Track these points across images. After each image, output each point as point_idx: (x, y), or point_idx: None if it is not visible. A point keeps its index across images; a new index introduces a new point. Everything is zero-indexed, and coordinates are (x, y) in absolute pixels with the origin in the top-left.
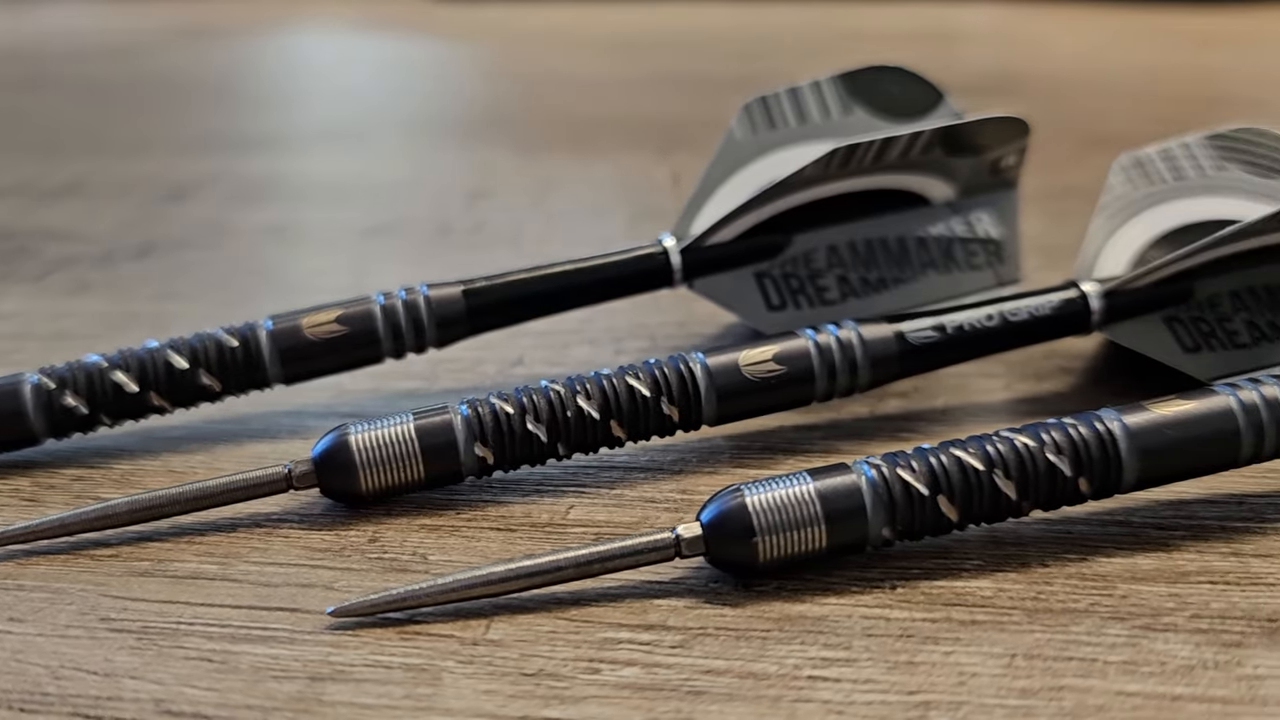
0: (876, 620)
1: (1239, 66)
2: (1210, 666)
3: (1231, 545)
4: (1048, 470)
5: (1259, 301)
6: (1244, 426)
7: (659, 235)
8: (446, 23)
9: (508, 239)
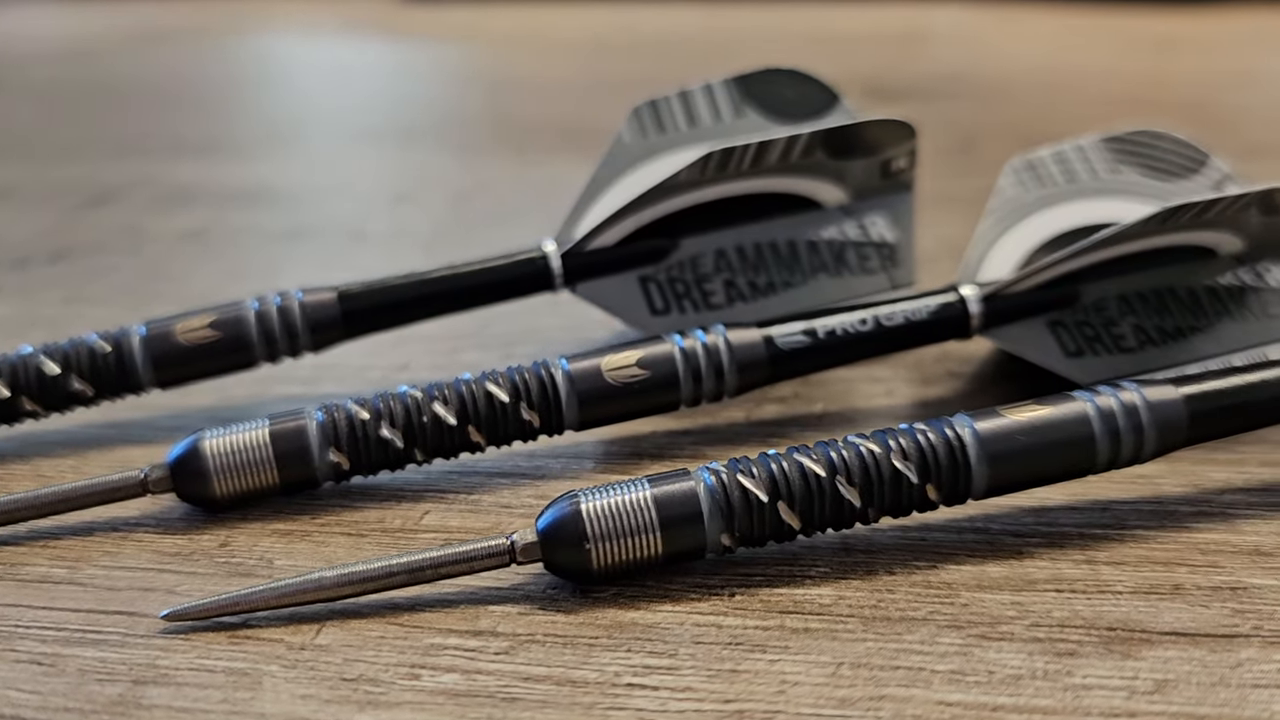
0: (708, 628)
1: (1193, 69)
2: (1039, 676)
3: (1086, 553)
4: (893, 477)
5: (1146, 306)
6: (1099, 432)
7: (540, 239)
8: (413, 24)
9: (424, 243)
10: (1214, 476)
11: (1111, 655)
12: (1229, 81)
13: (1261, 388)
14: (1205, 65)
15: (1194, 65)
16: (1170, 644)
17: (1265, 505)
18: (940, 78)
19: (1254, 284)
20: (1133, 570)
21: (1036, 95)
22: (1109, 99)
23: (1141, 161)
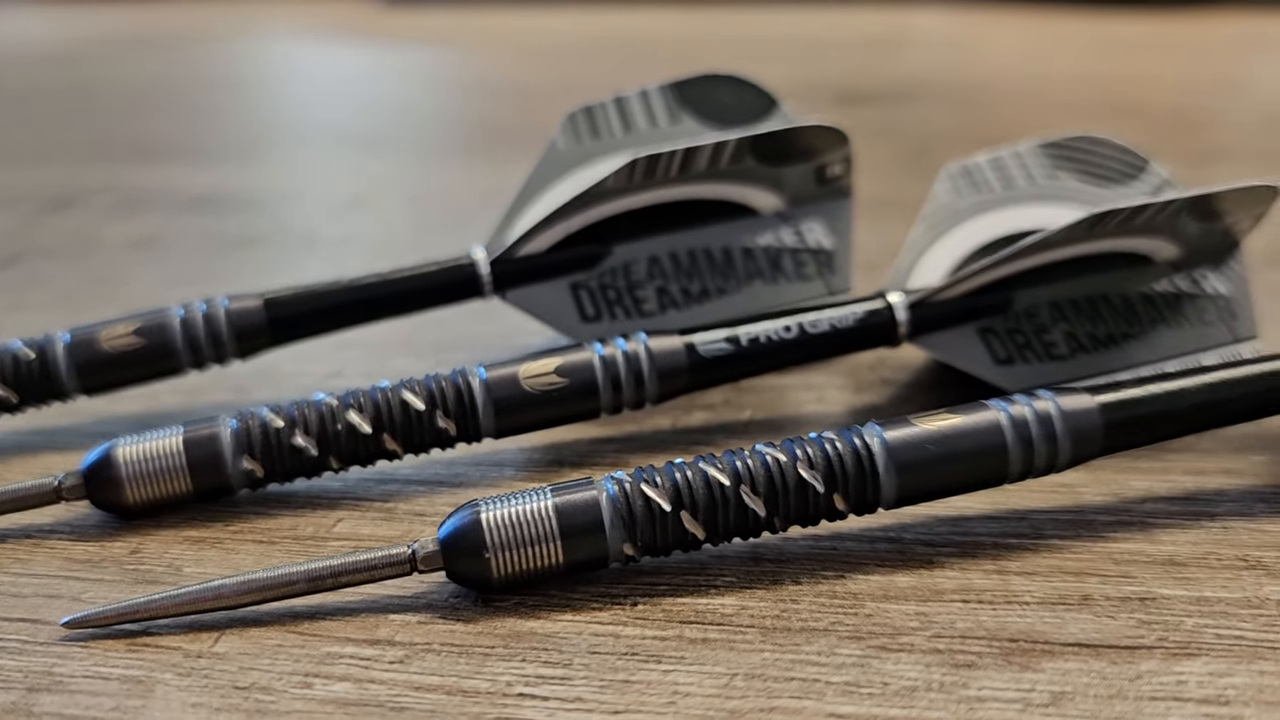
0: (606, 638)
1: (1169, 74)
2: (934, 688)
3: (998, 563)
4: (799, 486)
5: (1080, 313)
6: (1012, 442)
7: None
8: (394, 29)
9: (372, 250)
10: (1136, 485)
11: (1010, 667)
12: (1203, 86)
13: (1180, 396)
14: (1181, 70)
15: (1170, 70)
16: (1072, 655)
17: (1185, 515)
18: (911, 82)
19: (1190, 291)
20: (1043, 580)
21: (1006, 100)
22: (1078, 104)
23: (1080, 167)
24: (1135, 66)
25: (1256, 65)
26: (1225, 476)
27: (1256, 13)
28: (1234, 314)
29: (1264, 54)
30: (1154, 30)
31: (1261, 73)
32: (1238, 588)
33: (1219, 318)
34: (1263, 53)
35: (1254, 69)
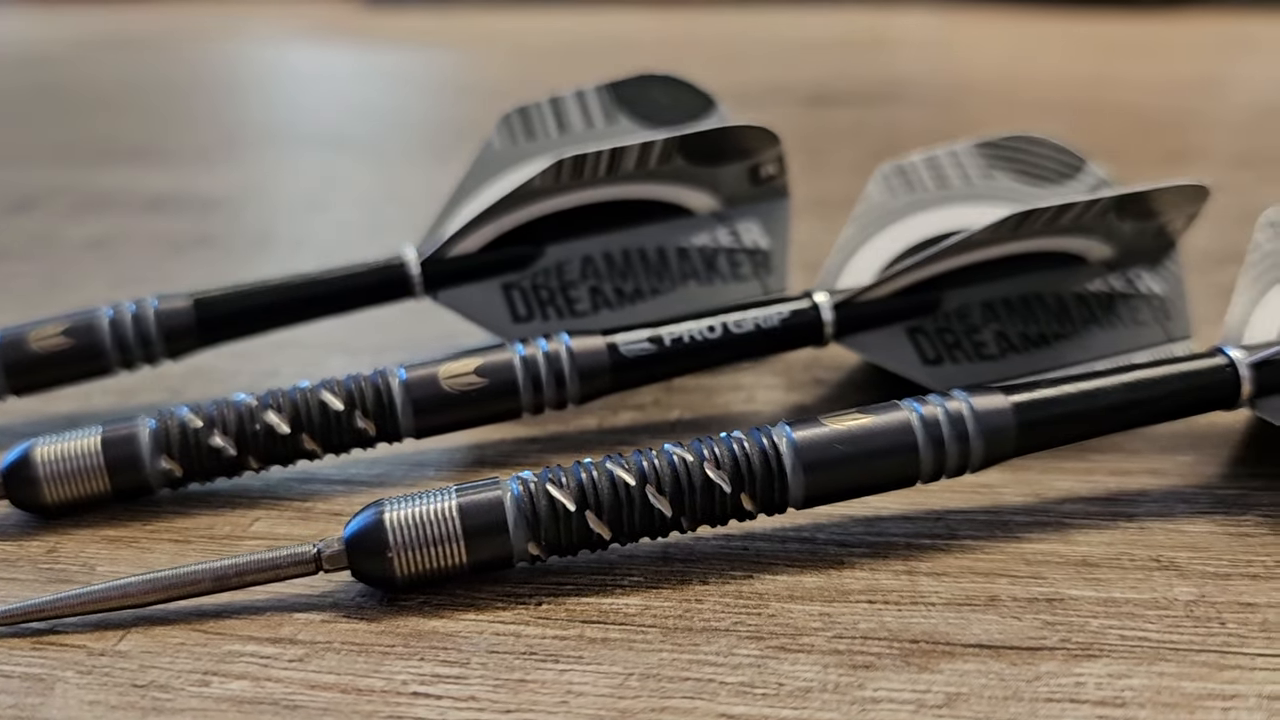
0: (506, 637)
1: (1149, 74)
2: (829, 689)
3: (909, 563)
4: (705, 486)
5: (1012, 312)
6: (923, 442)
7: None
8: (376, 29)
9: (328, 251)
10: (1058, 486)
11: (909, 668)
12: (1182, 86)
13: (1096, 396)
14: (1162, 70)
15: (1151, 70)
16: (972, 656)
17: (1104, 515)
18: (887, 82)
19: (1124, 290)
20: (952, 581)
21: (981, 101)
22: (1053, 103)
23: (1016, 167)
24: (1116, 67)
25: (1237, 65)
26: (1149, 477)
27: (1239, 13)
28: (1168, 314)
29: (1245, 54)
30: (1137, 30)
31: (1242, 73)
32: (1147, 589)
33: (1153, 318)
34: (1244, 53)
35: (1235, 69)
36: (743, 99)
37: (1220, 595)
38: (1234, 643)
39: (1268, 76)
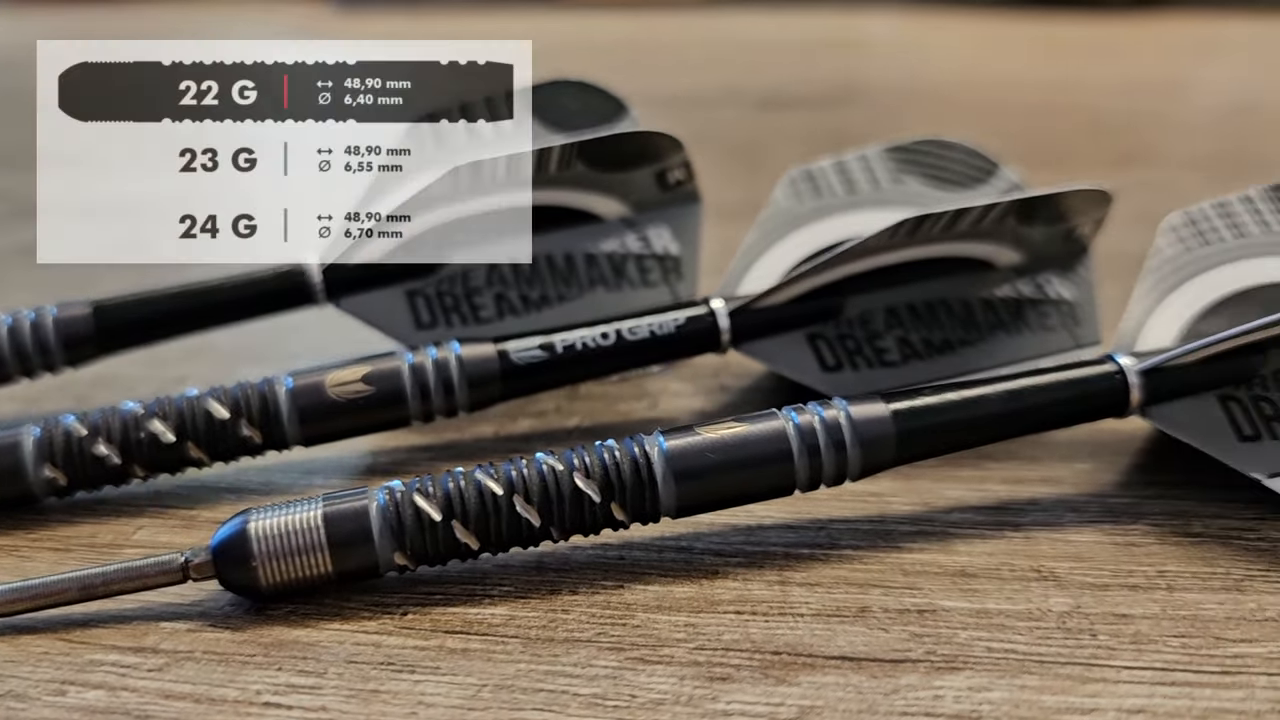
0: (367, 647)
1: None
2: (682, 701)
3: (784, 573)
4: (574, 495)
5: (917, 319)
6: (798, 450)
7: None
8: (346, 34)
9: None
10: (948, 495)
11: (766, 680)
12: (1142, 88)
13: (978, 404)
14: (1124, 72)
15: (1113, 72)
16: (833, 669)
17: (990, 525)
18: (845, 86)
19: (1033, 296)
20: (825, 592)
21: (936, 103)
22: (1008, 106)
23: (926, 171)
24: (1079, 69)
25: (1202, 67)
26: (1043, 485)
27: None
28: (1077, 319)
29: (1210, 56)
30: (1104, 32)
31: (1205, 75)
32: (1023, 600)
33: (1062, 323)
34: (1209, 55)
35: (1199, 71)
36: (695, 102)
37: (1096, 606)
38: (1102, 655)
39: (1232, 78)
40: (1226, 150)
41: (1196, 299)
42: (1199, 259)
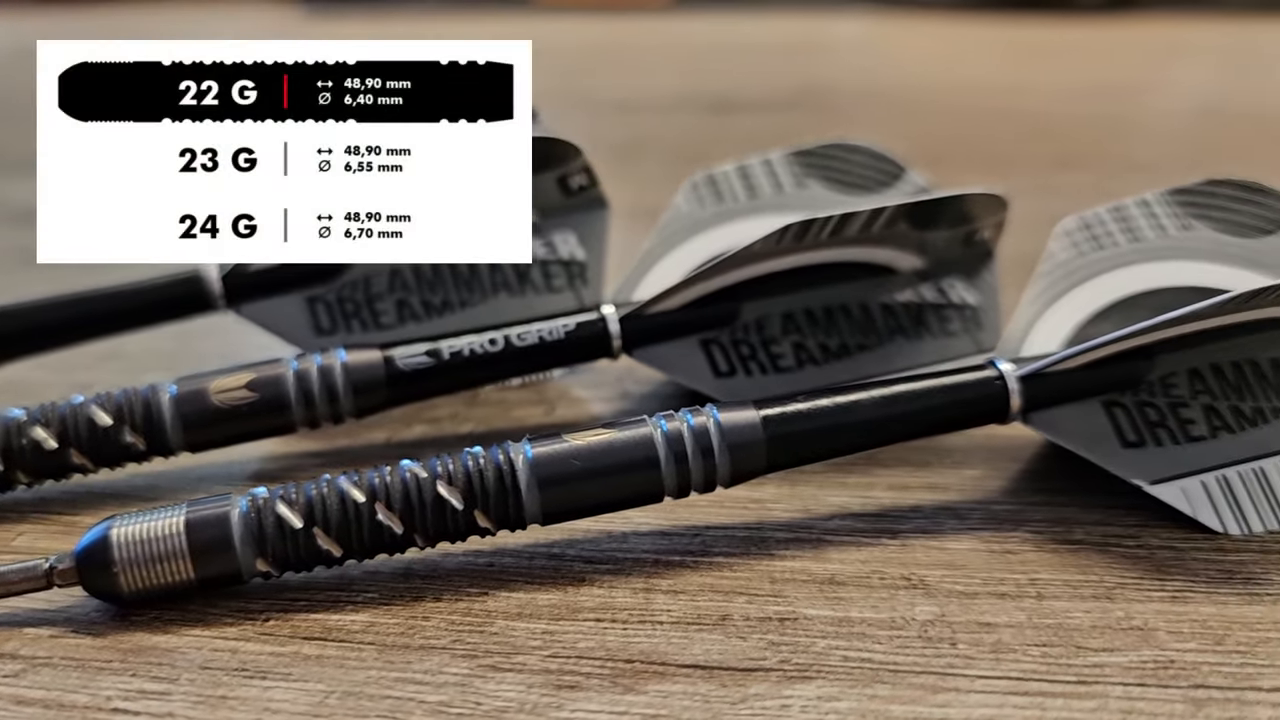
0: (223, 653)
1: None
2: (525, 709)
3: (650, 581)
4: (436, 503)
5: (814, 324)
6: (665, 457)
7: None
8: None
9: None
10: (832, 501)
11: (615, 688)
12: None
13: (851, 410)
14: (1084, 75)
15: (1073, 75)
16: (683, 678)
17: (868, 532)
18: (801, 90)
19: (935, 300)
20: (688, 599)
21: (887, 107)
22: (958, 109)
23: (830, 175)
24: (1040, 72)
25: (1165, 71)
26: (928, 492)
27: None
28: (980, 324)
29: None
30: (1072, 36)
31: (1167, 78)
32: (888, 608)
33: (964, 328)
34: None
35: (1161, 75)
36: (647, 106)
37: (961, 615)
38: (959, 664)
39: (1195, 82)
40: (1175, 154)
41: (1086, 304)
42: (1091, 263)
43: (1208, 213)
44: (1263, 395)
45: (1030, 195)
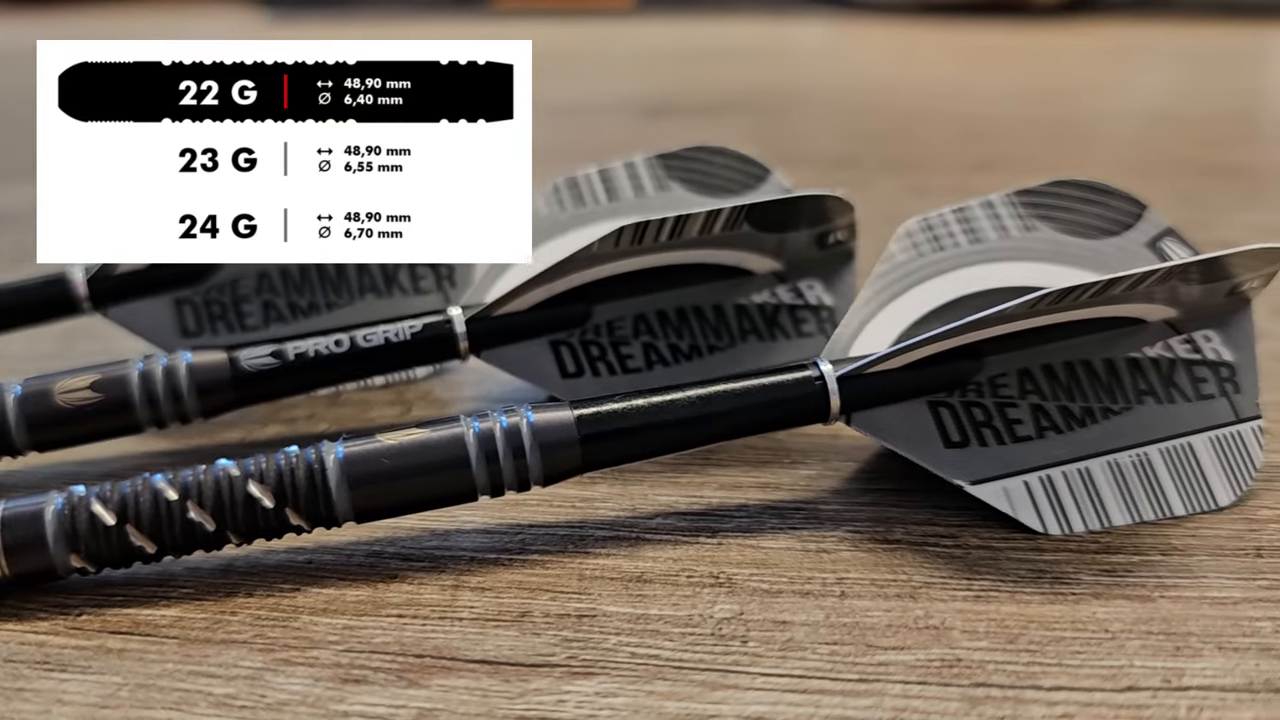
0: (30, 646)
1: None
2: (308, 702)
3: (461, 578)
4: (247, 501)
5: (667, 325)
6: (476, 457)
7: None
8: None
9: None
10: (659, 500)
11: (399, 683)
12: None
13: (667, 410)
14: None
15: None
16: (469, 673)
17: (687, 531)
18: (740, 93)
19: (791, 302)
20: (494, 596)
21: (820, 110)
22: (893, 112)
23: (692, 177)
24: (988, 75)
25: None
26: (759, 491)
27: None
28: (837, 325)
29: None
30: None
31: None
32: (688, 605)
33: (819, 328)
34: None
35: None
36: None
37: (760, 613)
38: (744, 661)
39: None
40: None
41: (919, 305)
42: (929, 264)
43: (1052, 213)
44: (1094, 396)
45: (944, 196)
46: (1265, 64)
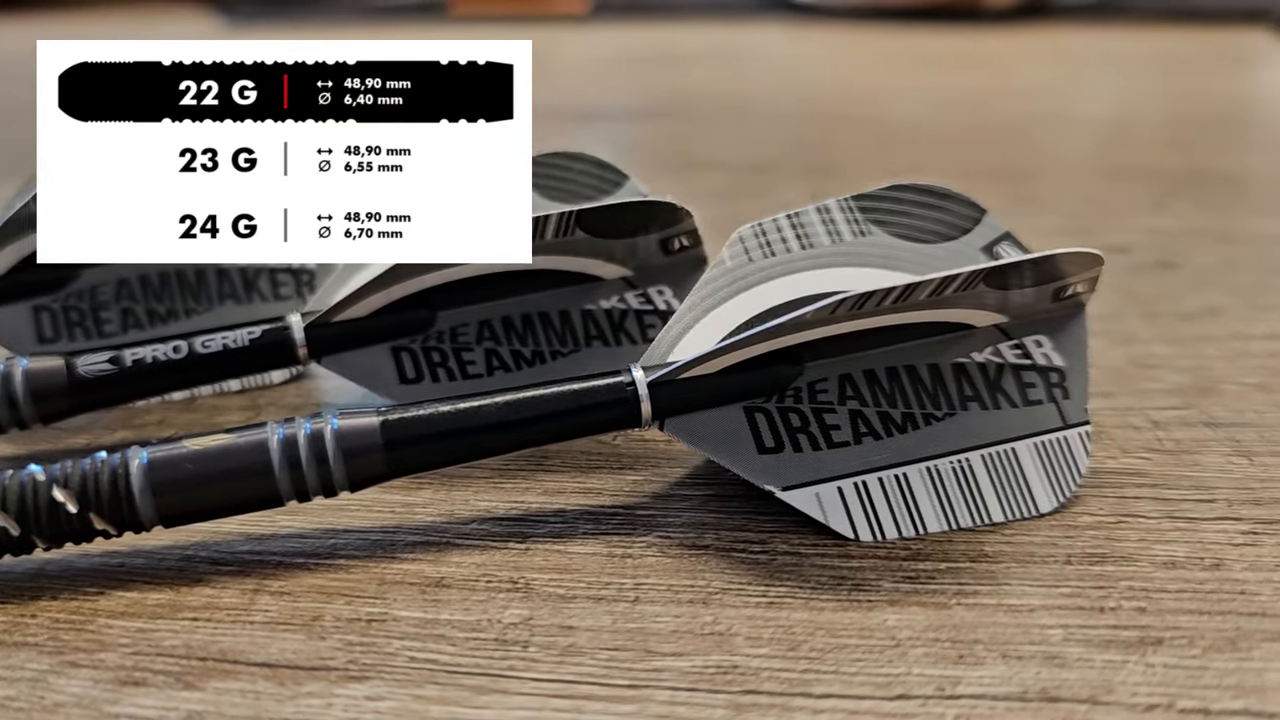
0: None
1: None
2: (84, 705)
3: (263, 582)
4: (50, 506)
5: (511, 331)
6: (279, 462)
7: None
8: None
9: None
10: (479, 505)
11: (176, 685)
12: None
13: (476, 415)
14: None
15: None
16: (247, 676)
17: (498, 536)
18: (673, 100)
19: (640, 307)
20: (290, 600)
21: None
22: (821, 116)
23: (548, 184)
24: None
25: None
26: (581, 496)
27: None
28: None
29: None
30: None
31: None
32: (480, 610)
33: None
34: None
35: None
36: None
37: (550, 618)
38: (520, 666)
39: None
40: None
41: (743, 311)
42: (757, 270)
43: (888, 219)
44: (916, 401)
45: None
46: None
